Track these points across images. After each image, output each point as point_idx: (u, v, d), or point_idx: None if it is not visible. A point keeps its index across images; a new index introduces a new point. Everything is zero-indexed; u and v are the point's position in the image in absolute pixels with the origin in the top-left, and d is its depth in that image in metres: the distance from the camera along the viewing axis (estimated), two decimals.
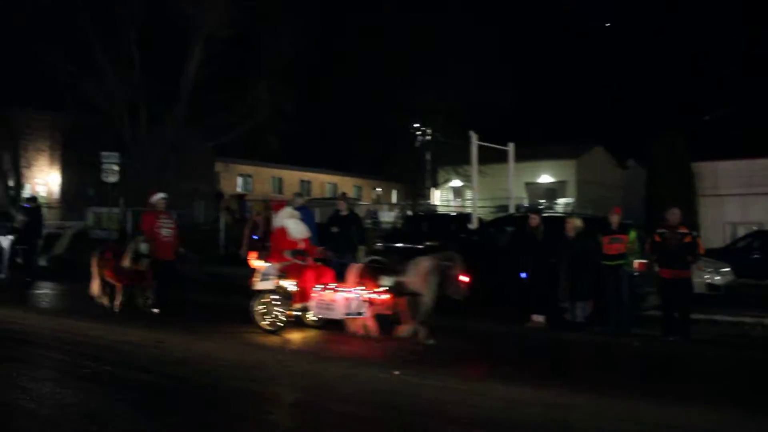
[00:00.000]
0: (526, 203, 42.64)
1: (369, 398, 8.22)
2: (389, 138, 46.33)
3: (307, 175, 63.17)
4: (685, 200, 31.42)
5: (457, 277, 11.46)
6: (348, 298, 11.88)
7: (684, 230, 13.06)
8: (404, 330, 11.86)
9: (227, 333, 12.29)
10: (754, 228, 31.20)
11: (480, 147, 24.68)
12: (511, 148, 24.64)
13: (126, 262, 14.07)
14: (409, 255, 18.97)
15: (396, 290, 11.81)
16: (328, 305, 12.05)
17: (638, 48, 65.55)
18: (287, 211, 13.29)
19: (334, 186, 64.47)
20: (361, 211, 40.55)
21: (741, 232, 31.65)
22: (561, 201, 44.93)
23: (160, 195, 15.01)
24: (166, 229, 14.67)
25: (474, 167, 24.28)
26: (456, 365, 10.10)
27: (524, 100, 45.13)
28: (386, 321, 12.14)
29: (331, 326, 12.42)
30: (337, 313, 11.96)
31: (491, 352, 11.44)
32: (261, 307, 12.50)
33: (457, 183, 50.88)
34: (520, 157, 29.88)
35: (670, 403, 8.24)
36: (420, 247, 19.33)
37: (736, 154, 36.09)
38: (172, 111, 36.10)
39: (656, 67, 64.36)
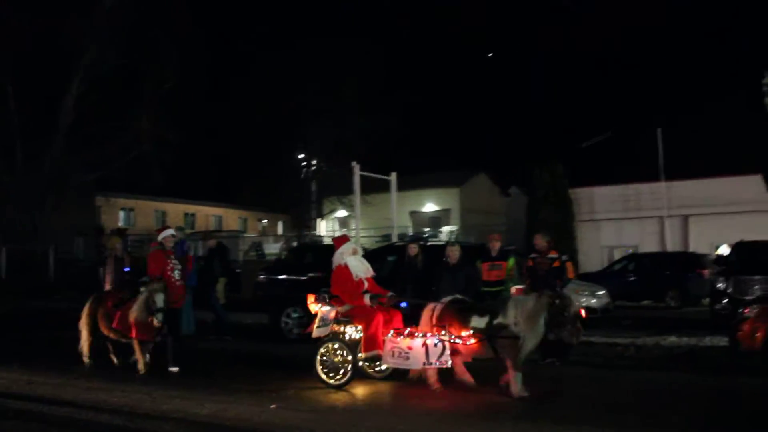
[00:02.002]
0: (410, 232, 43.03)
1: None
2: (275, 169, 46.14)
3: (192, 208, 62.27)
4: (563, 225, 32.36)
5: (576, 318, 10.22)
6: (428, 344, 10.37)
7: (554, 255, 13.33)
8: (514, 382, 10.10)
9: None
10: (630, 251, 32.28)
11: (365, 177, 24.83)
12: (393, 177, 24.88)
13: (137, 315, 11.92)
14: (292, 287, 18.97)
15: (491, 333, 10.27)
16: (404, 353, 10.53)
17: (517, 78, 67.34)
18: (349, 246, 11.75)
19: (219, 218, 63.81)
20: (245, 243, 40.30)
21: (617, 255, 32.67)
22: (445, 229, 45.46)
23: (170, 231, 13.20)
24: (177, 271, 12.74)
25: (357, 197, 24.42)
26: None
27: (408, 129, 45.56)
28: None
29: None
30: (416, 363, 10.45)
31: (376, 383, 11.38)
32: (322, 357, 11.05)
33: (342, 213, 50.96)
34: (405, 186, 30.21)
35: (548, 425, 8.38)
36: (303, 278, 19.19)
37: (611, 179, 37.36)
38: (50, 145, 35.18)
39: (535, 96, 66.24)
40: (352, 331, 11.16)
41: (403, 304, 13.89)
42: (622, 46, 63.45)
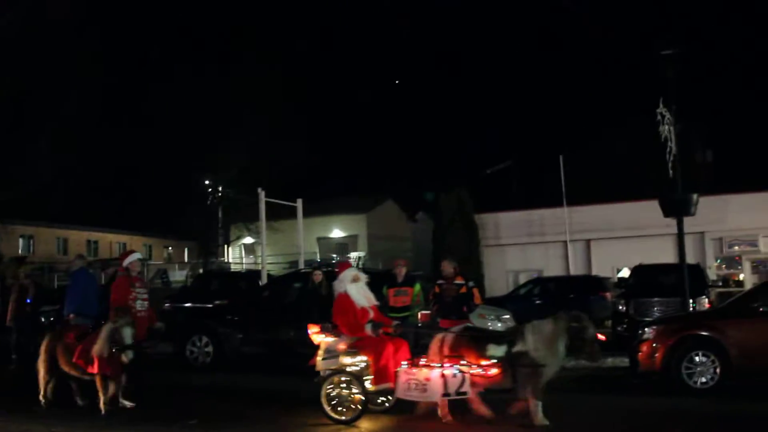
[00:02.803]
0: (318, 258, 42.91)
1: None
2: (181, 195, 45.55)
3: (95, 235, 60.94)
4: (469, 250, 32.67)
5: (594, 339, 9.76)
6: (447, 375, 9.78)
7: (460, 281, 13.39)
8: (535, 411, 9.63)
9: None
10: (535, 275, 32.75)
11: (271, 203, 24.69)
12: (299, 204, 24.79)
13: (99, 348, 10.71)
14: (198, 314, 18.74)
15: (511, 361, 9.73)
16: (421, 385, 9.89)
17: (424, 104, 68.17)
18: (350, 273, 11.00)
19: (124, 246, 62.50)
20: (151, 271, 39.59)
21: (522, 279, 33.11)
22: (353, 255, 45.49)
23: (136, 255, 12.26)
24: (141, 301, 11.72)
25: (262, 223, 24.26)
26: None
27: (315, 155, 45.61)
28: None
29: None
30: (434, 395, 9.83)
31: (285, 408, 11.21)
32: (328, 392, 10.26)
33: (249, 240, 50.54)
34: (311, 213, 30.11)
35: None
36: (209, 306, 18.98)
37: (516, 205, 38.00)
38: None
39: (441, 124, 67.11)
40: (360, 363, 10.37)
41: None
42: (524, 73, 64.85)
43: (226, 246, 50.38)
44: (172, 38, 49.00)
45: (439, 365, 9.85)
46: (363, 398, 10.06)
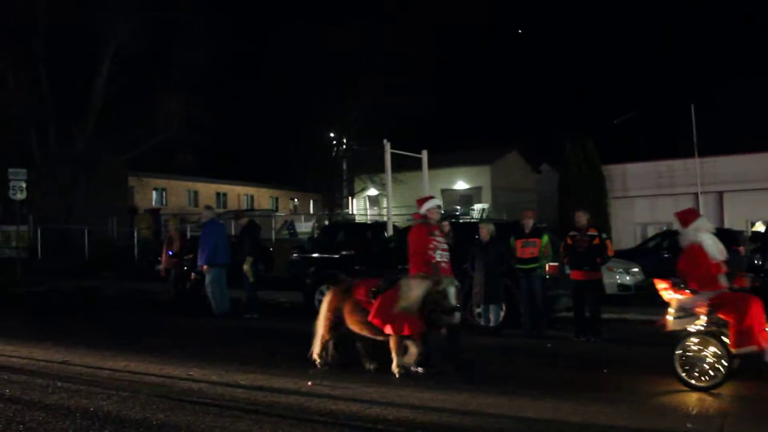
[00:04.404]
0: (442, 210, 42.95)
1: None
2: (306, 148, 46.26)
3: (223, 188, 62.57)
4: (597, 202, 32.15)
5: None
6: None
7: (593, 232, 13.28)
8: None
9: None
10: (664, 228, 32.01)
11: (395, 155, 24.73)
12: (424, 155, 24.75)
13: (409, 307, 9.62)
14: (325, 265, 19.07)
15: None
16: None
17: (549, 54, 66.92)
18: (704, 222, 9.87)
19: (251, 198, 64.06)
20: (278, 222, 40.40)
21: (651, 232, 32.42)
22: (477, 206, 45.35)
23: (435, 202, 11.00)
24: (440, 252, 10.38)
25: (388, 175, 24.33)
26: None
27: (440, 106, 45.49)
28: None
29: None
30: None
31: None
32: (685, 353, 9.11)
33: (373, 192, 50.98)
34: (436, 164, 30.09)
35: (584, 402, 8.33)
36: (336, 257, 19.27)
37: (644, 156, 37.10)
38: (82, 126, 35.44)
39: (567, 73, 65.79)
40: (720, 323, 9.13)
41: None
42: (655, 19, 62.79)
43: (350, 198, 50.95)
44: None
45: None
46: (725, 362, 8.85)
